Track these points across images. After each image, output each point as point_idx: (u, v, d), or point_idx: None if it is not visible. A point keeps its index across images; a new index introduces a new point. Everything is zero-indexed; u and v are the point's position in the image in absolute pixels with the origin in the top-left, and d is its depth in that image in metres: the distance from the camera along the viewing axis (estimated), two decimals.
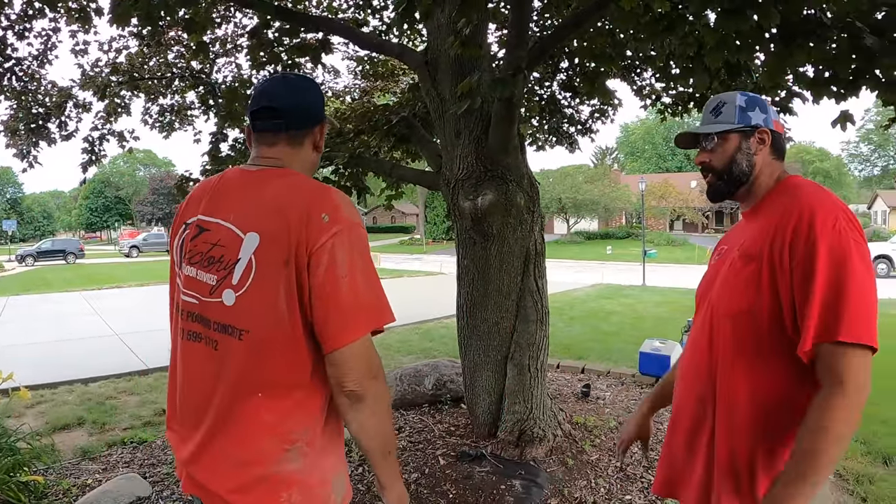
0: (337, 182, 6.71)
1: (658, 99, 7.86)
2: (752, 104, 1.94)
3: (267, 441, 1.62)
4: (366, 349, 1.61)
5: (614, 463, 4.70)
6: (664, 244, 47.67)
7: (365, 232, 1.70)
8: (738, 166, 1.94)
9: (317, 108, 1.87)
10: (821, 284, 1.59)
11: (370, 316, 1.63)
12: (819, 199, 1.71)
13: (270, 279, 1.60)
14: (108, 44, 7.90)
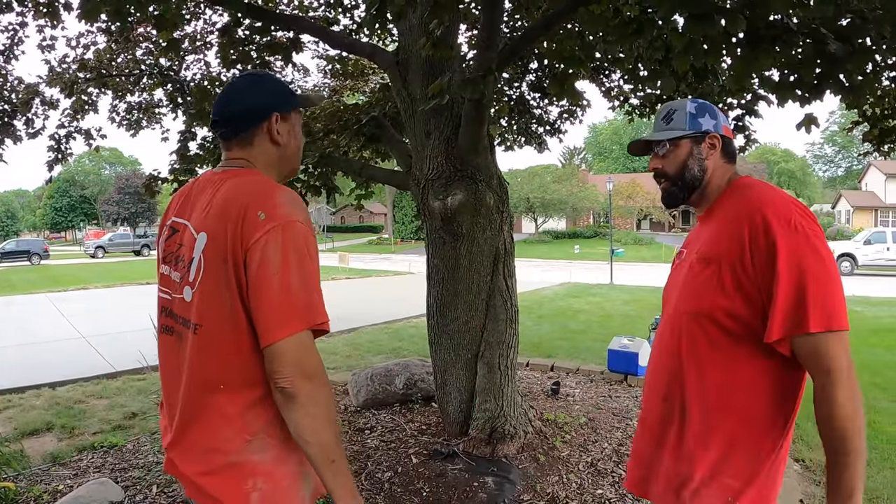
0: (306, 182, 6.70)
1: (626, 100, 7.98)
2: (701, 111, 2.00)
3: (229, 431, 1.69)
4: (298, 347, 1.62)
5: (585, 458, 4.76)
6: (631, 243, 48.09)
7: (305, 229, 1.70)
8: (690, 171, 1.99)
9: (259, 106, 1.88)
10: (784, 281, 1.64)
11: (301, 314, 1.63)
12: (768, 198, 1.76)
13: (215, 276, 1.68)
14: (75, 39, 7.78)
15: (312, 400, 1.63)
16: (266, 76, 2.01)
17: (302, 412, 1.63)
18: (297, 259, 1.64)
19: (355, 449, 4.93)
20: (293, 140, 1.94)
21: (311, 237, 1.71)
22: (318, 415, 1.64)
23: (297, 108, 1.96)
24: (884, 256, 27.76)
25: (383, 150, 7.09)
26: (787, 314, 1.64)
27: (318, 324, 1.66)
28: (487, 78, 3.75)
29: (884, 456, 5.15)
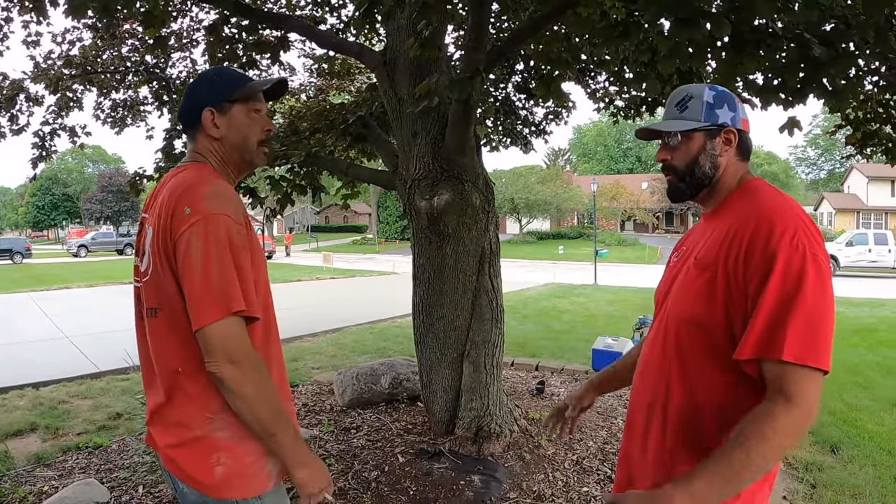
0: (292, 181, 6.69)
1: (611, 102, 8.02)
2: (720, 100, 1.83)
3: (193, 408, 1.81)
4: (222, 333, 1.69)
5: (570, 457, 4.80)
6: (615, 244, 48.27)
7: (228, 222, 1.77)
8: (700, 168, 1.82)
9: (194, 104, 1.97)
10: (770, 298, 1.52)
11: (221, 302, 1.70)
12: (778, 207, 1.63)
13: (160, 267, 1.81)
14: (61, 35, 7.72)
15: (238, 383, 1.71)
16: (206, 74, 2.08)
17: (232, 395, 1.73)
18: (217, 251, 1.72)
19: (341, 448, 4.93)
20: (235, 132, 1.98)
21: (233, 229, 1.77)
22: (246, 396, 1.72)
23: (242, 100, 1.99)
24: (865, 258, 28.12)
25: (369, 150, 7.10)
26: (763, 334, 1.52)
27: (238, 311, 1.72)
28: (475, 79, 3.78)
29: (865, 453, 5.22)
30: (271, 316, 2.00)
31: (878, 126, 6.13)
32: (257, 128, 2.02)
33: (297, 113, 7.43)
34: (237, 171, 2.07)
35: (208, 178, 1.86)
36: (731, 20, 3.35)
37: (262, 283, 1.92)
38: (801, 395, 1.48)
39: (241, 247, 1.78)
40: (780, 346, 1.49)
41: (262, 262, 1.94)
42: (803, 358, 1.48)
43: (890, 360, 9.16)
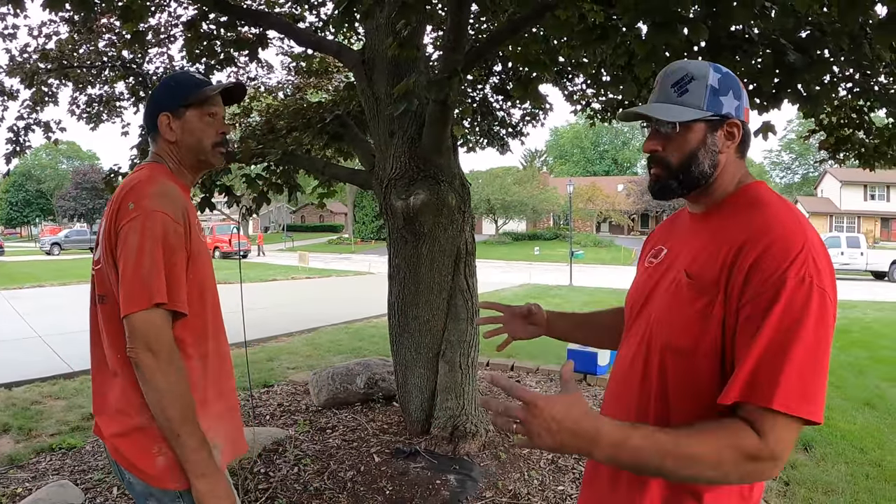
0: (268, 179, 6.66)
1: (588, 105, 8.08)
2: (725, 86, 1.51)
3: (134, 396, 1.85)
4: (144, 322, 1.76)
5: (546, 456, 4.82)
6: (591, 245, 48.56)
7: (166, 219, 1.84)
8: (699, 166, 1.52)
9: (151, 110, 2.07)
10: (765, 340, 1.29)
11: (147, 293, 1.77)
12: (790, 229, 1.37)
13: (104, 256, 1.91)
14: (38, 29, 7.62)
15: (152, 372, 1.76)
16: (166, 80, 2.16)
17: (146, 385, 1.78)
18: (150, 245, 1.80)
19: (317, 448, 4.92)
20: (189, 136, 2.05)
21: (169, 227, 1.84)
22: (160, 389, 1.77)
23: (196, 105, 2.05)
24: (838, 260, 28.45)
25: (346, 150, 7.09)
26: (751, 377, 1.29)
27: (161, 304, 1.79)
28: (453, 79, 3.78)
29: (838, 451, 5.33)
30: (214, 316, 2.06)
31: (851, 131, 6.22)
32: (211, 131, 2.09)
33: (274, 111, 7.40)
34: (193, 171, 2.15)
35: (157, 178, 1.95)
36: (708, 25, 3.39)
37: (206, 284, 2.02)
38: (775, 443, 1.27)
39: (176, 245, 1.86)
40: (771, 393, 1.26)
41: (204, 263, 2.01)
42: (795, 409, 1.26)
43: (861, 361, 9.36)
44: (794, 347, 1.27)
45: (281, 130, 6.66)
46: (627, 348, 1.66)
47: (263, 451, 4.77)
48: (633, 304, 1.70)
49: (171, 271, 1.83)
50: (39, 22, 7.46)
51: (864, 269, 28.70)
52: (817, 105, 4.08)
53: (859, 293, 20.44)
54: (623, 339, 1.73)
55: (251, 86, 9.14)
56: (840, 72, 4.74)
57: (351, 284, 22.79)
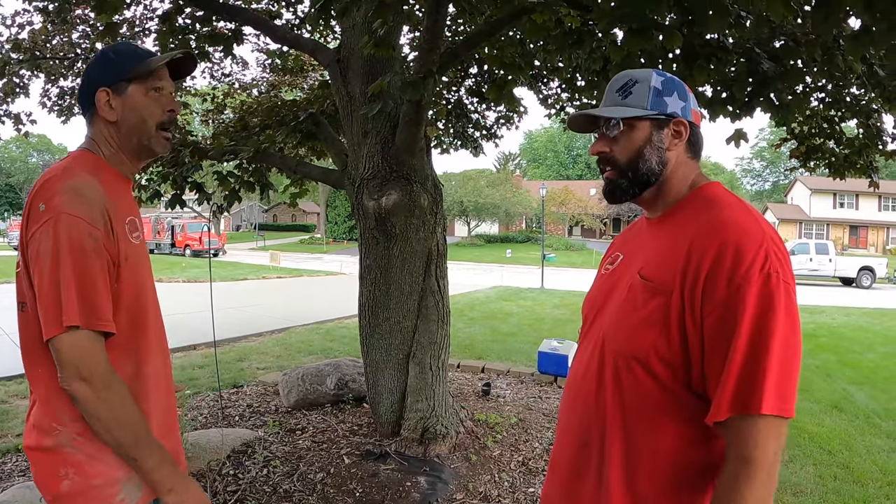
0: (240, 177, 6.61)
1: (563, 109, 8.11)
2: (669, 87, 1.58)
3: (45, 412, 1.68)
4: (71, 348, 1.57)
5: (516, 458, 4.82)
6: (563, 249, 48.76)
7: (79, 224, 1.60)
8: (646, 162, 1.55)
9: (87, 84, 1.82)
10: (742, 347, 1.31)
11: (69, 313, 1.56)
12: (746, 226, 1.39)
13: (21, 264, 1.70)
14: (10, 18, 7.49)
15: (91, 404, 1.58)
16: (104, 51, 1.87)
17: (86, 414, 1.60)
18: (68, 255, 1.57)
19: (286, 450, 4.88)
20: (131, 114, 1.80)
21: (84, 232, 1.60)
22: (101, 417, 1.60)
23: (140, 78, 1.80)
24: (806, 266, 29.02)
25: (319, 148, 7.06)
26: (737, 389, 1.31)
27: (88, 326, 1.58)
28: (427, 80, 3.78)
29: (807, 453, 5.43)
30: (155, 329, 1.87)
31: (822, 141, 6.31)
32: (157, 108, 1.83)
33: (247, 108, 7.35)
34: (135, 159, 1.89)
35: (72, 172, 1.70)
36: (683, 33, 3.41)
37: (141, 294, 1.80)
38: (762, 450, 1.31)
39: (93, 252, 1.61)
40: (755, 400, 1.30)
41: (138, 269, 1.79)
42: (775, 408, 1.30)
43: (829, 365, 9.54)
44: (769, 353, 1.30)
45: (254, 128, 6.63)
46: (582, 355, 1.67)
47: (232, 453, 4.72)
48: (589, 312, 1.73)
49: (89, 284, 1.59)
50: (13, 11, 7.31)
51: (832, 276, 29.27)
52: (789, 114, 4.13)
53: (827, 299, 20.77)
54: (579, 346, 1.73)
55: (225, 82, 9.06)
56: (813, 82, 4.81)
57: (322, 284, 22.69)
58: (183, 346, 9.79)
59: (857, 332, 13.28)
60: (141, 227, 1.88)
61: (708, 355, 1.37)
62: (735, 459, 1.34)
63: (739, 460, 1.32)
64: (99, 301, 1.61)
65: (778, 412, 1.31)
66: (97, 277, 1.61)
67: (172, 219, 41.50)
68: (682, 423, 1.44)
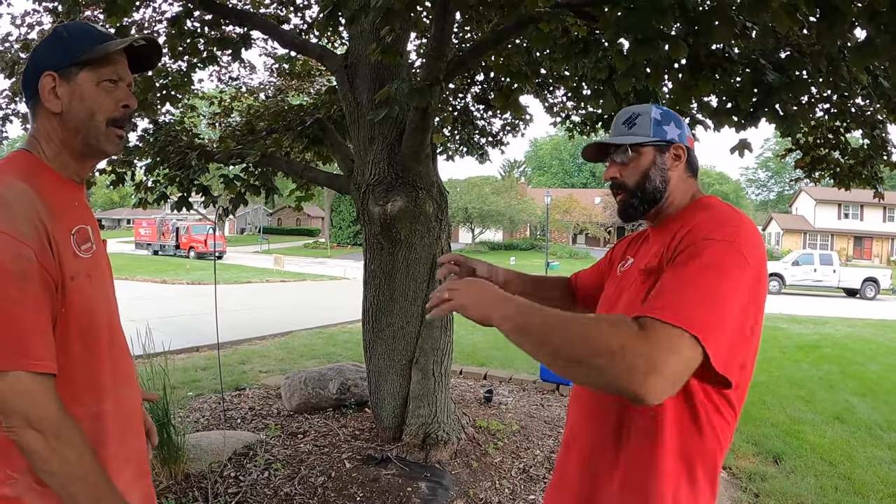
0: (246, 180, 6.64)
1: (568, 117, 8.13)
2: (667, 118, 1.79)
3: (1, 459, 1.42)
4: (13, 394, 1.32)
5: (517, 465, 4.83)
6: (567, 257, 48.71)
7: (4, 239, 1.33)
8: (651, 182, 1.75)
9: (31, 67, 1.54)
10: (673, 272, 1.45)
11: (4, 352, 1.31)
12: (728, 217, 1.56)
13: None
14: (20, 18, 7.53)
15: (42, 458, 1.35)
16: (56, 29, 1.57)
17: (39, 471, 1.37)
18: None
19: (288, 453, 4.89)
20: (79, 105, 1.52)
21: (8, 249, 1.33)
22: (56, 473, 1.36)
23: (94, 64, 1.53)
24: (810, 277, 28.94)
25: (325, 153, 7.09)
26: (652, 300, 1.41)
27: (20, 367, 1.32)
28: (434, 87, 3.79)
29: (808, 464, 5.41)
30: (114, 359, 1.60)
31: (827, 151, 6.32)
32: (110, 101, 1.55)
33: (254, 112, 7.39)
34: (81, 159, 1.59)
35: (1, 178, 1.43)
36: (688, 43, 3.43)
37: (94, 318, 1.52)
38: (655, 340, 1.30)
39: (19, 275, 1.33)
40: (660, 305, 1.36)
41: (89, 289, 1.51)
42: (673, 318, 1.32)
43: (832, 375, 9.49)
44: (695, 281, 1.40)
45: (261, 132, 6.66)
46: None
47: (234, 455, 4.73)
48: (601, 311, 1.88)
49: (12, 317, 1.32)
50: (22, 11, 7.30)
51: (836, 286, 29.09)
52: (794, 124, 4.15)
53: (831, 310, 20.72)
54: None
55: (232, 85, 9.10)
56: (818, 93, 4.82)
57: (326, 289, 22.73)
58: (186, 347, 9.82)
59: (861, 343, 13.24)
60: (95, 237, 1.60)
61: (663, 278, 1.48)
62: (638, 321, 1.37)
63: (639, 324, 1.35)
64: (28, 336, 1.34)
65: (672, 321, 1.32)
66: (25, 306, 1.34)
67: (177, 221, 41.59)
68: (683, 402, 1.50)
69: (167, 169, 6.50)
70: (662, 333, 1.31)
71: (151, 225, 43.94)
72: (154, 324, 5.88)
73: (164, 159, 6.43)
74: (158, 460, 4.18)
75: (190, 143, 6.52)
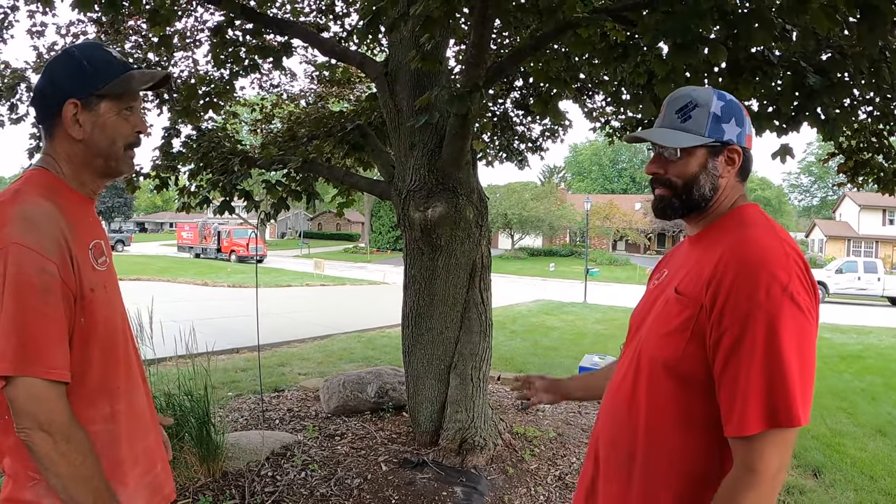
0: (287, 186, 6.73)
1: (607, 122, 8.10)
2: (728, 113, 1.57)
3: (17, 464, 1.51)
4: (23, 394, 1.39)
5: (553, 472, 4.82)
6: (606, 263, 48.35)
7: (29, 255, 1.41)
8: (700, 189, 1.58)
9: (54, 93, 1.59)
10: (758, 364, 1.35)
11: (13, 359, 1.38)
12: (765, 251, 1.42)
13: None
14: (66, 28, 7.72)
15: (50, 459, 1.41)
16: (73, 54, 1.63)
17: (45, 472, 1.44)
18: (12, 293, 1.39)
19: (325, 455, 4.94)
20: (101, 134, 1.61)
21: (33, 264, 1.42)
22: (62, 475, 1.43)
23: (114, 96, 1.62)
24: (854, 285, 28.26)
25: (366, 159, 7.14)
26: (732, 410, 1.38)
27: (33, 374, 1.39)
28: (474, 94, 3.81)
29: (847, 478, 5.28)
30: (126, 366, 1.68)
31: (870, 155, 6.21)
32: (128, 128, 1.65)
33: (296, 119, 7.47)
34: (98, 179, 1.69)
35: (24, 197, 1.50)
36: (728, 47, 3.41)
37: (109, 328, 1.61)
38: (766, 460, 1.34)
39: (43, 288, 1.42)
40: (746, 421, 1.35)
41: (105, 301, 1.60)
42: (768, 423, 1.33)
43: (875, 387, 9.26)
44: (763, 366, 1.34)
45: (302, 138, 6.74)
46: (622, 362, 1.73)
47: (271, 455, 4.79)
48: (633, 322, 1.78)
49: (34, 324, 1.40)
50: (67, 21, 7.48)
51: (880, 295, 28.36)
52: (836, 128, 4.09)
53: (875, 319, 20.23)
54: (621, 355, 1.80)
55: (274, 92, 9.22)
56: (860, 95, 4.75)
57: (365, 293, 22.86)
58: (227, 349, 9.98)
59: None
60: (108, 251, 1.70)
61: (726, 369, 1.40)
62: (741, 467, 1.37)
63: (745, 468, 1.36)
64: (46, 345, 1.42)
65: (764, 427, 1.33)
66: (46, 318, 1.42)
67: (219, 224, 42.16)
68: (701, 432, 1.48)
69: (210, 174, 6.61)
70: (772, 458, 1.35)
71: (193, 228, 44.60)
72: (195, 325, 5.98)
73: (207, 165, 6.54)
74: (197, 458, 4.25)
75: (232, 149, 6.63)
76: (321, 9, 7.61)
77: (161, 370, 5.21)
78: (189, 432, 4.29)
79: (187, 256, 43.23)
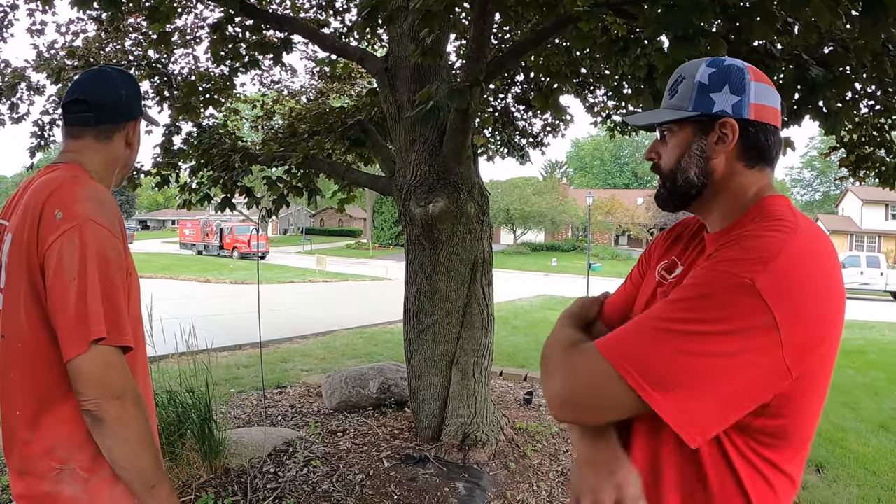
0: (289, 182, 6.72)
1: (609, 117, 8.07)
2: (719, 80, 1.29)
3: (37, 453, 1.53)
4: (99, 363, 1.45)
5: (556, 468, 4.82)
6: (609, 258, 48.39)
7: (104, 233, 1.53)
8: (683, 173, 1.33)
9: (130, 103, 1.80)
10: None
11: (99, 327, 1.45)
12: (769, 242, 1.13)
13: (15, 282, 1.55)
14: (65, 26, 7.70)
15: (122, 422, 1.48)
16: (130, 79, 1.86)
17: (113, 437, 1.48)
18: (96, 265, 1.48)
19: (327, 451, 4.94)
20: (132, 153, 1.87)
21: (109, 240, 1.53)
22: (130, 438, 1.49)
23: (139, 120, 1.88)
24: (857, 280, 28.21)
25: (367, 155, 7.13)
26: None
27: (115, 341, 1.48)
28: (474, 89, 3.80)
29: (850, 473, 5.29)
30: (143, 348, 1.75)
31: (872, 149, 6.19)
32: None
33: (296, 115, 7.46)
34: (117, 182, 1.88)
35: (84, 180, 1.63)
36: (729, 40, 3.39)
37: (138, 311, 1.71)
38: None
39: (116, 264, 1.53)
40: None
41: (134, 282, 1.68)
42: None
43: (878, 382, 9.26)
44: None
45: (303, 134, 6.72)
46: None
47: (274, 451, 4.79)
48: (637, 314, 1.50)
49: (113, 296, 1.50)
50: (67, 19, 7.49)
51: (883, 290, 28.33)
52: (838, 122, 4.06)
53: (878, 314, 20.18)
54: None
55: (274, 89, 9.22)
56: (862, 89, 4.73)
57: (367, 289, 22.87)
58: (229, 345, 9.99)
59: None
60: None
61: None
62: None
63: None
64: (122, 315, 1.52)
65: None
66: (118, 289, 1.53)
67: (221, 221, 42.20)
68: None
69: (211, 171, 6.61)
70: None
71: (196, 226, 44.67)
72: (198, 322, 5.98)
73: (208, 161, 6.54)
74: (199, 454, 4.25)
75: (233, 145, 6.62)
76: (321, 4, 7.59)
77: (163, 367, 5.21)
78: (191, 429, 4.28)
79: (190, 253, 43.30)
